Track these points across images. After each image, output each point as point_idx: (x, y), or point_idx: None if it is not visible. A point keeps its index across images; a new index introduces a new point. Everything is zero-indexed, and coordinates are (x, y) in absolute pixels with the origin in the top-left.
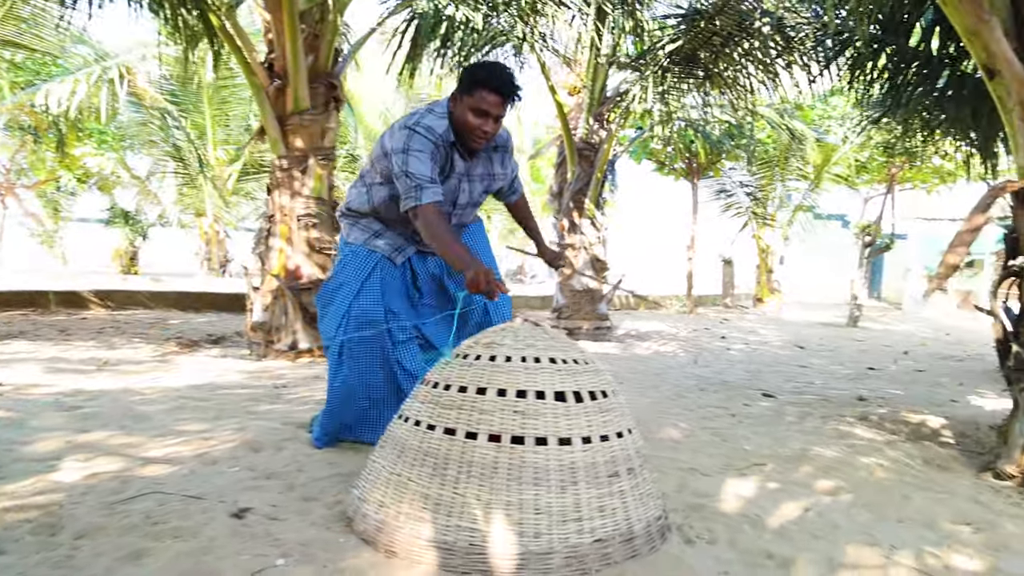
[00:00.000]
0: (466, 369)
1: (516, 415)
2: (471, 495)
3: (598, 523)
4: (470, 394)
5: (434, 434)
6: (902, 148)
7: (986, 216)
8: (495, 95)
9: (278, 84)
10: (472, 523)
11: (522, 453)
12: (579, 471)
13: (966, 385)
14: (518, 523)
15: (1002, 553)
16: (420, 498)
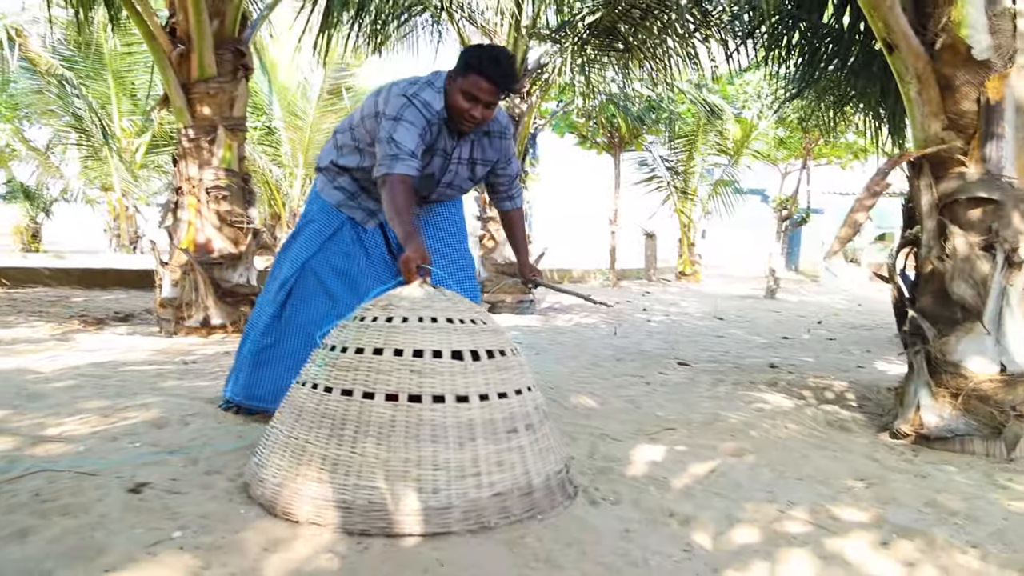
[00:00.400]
0: (363, 331)
1: (413, 374)
2: (369, 454)
3: (496, 477)
4: (367, 355)
5: (331, 396)
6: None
7: (883, 183)
8: (488, 82)
9: (181, 50)
10: (371, 482)
11: (419, 411)
12: (477, 427)
13: (873, 352)
14: (416, 480)
15: (889, 505)
16: (318, 460)
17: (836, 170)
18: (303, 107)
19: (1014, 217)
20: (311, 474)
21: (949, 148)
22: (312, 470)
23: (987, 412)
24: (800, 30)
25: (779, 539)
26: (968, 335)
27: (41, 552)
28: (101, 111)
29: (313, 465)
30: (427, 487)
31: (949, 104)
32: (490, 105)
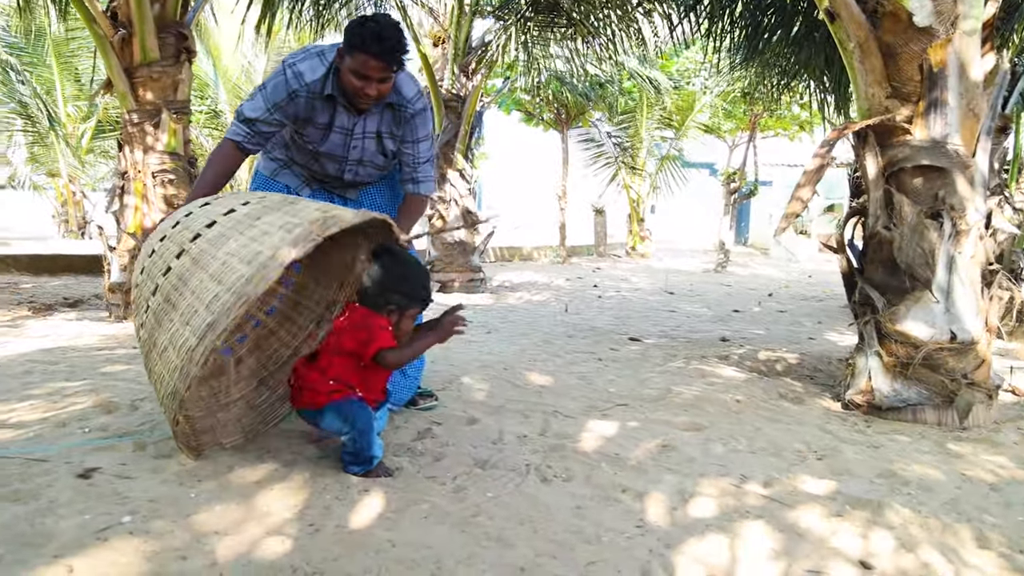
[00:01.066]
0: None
1: (182, 232)
2: (196, 286)
3: (292, 223)
4: (149, 262)
5: (151, 306)
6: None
7: (829, 154)
8: (375, 59)
9: (123, 33)
10: (216, 291)
11: (203, 238)
12: (253, 214)
13: (824, 323)
14: (240, 259)
15: (843, 477)
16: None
17: (783, 142)
18: (248, 90)
19: (960, 184)
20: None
21: (893, 117)
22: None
23: (938, 381)
24: (743, 2)
25: (733, 513)
26: (917, 304)
27: None
28: (46, 97)
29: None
30: (249, 255)
31: (892, 72)
32: (384, 80)
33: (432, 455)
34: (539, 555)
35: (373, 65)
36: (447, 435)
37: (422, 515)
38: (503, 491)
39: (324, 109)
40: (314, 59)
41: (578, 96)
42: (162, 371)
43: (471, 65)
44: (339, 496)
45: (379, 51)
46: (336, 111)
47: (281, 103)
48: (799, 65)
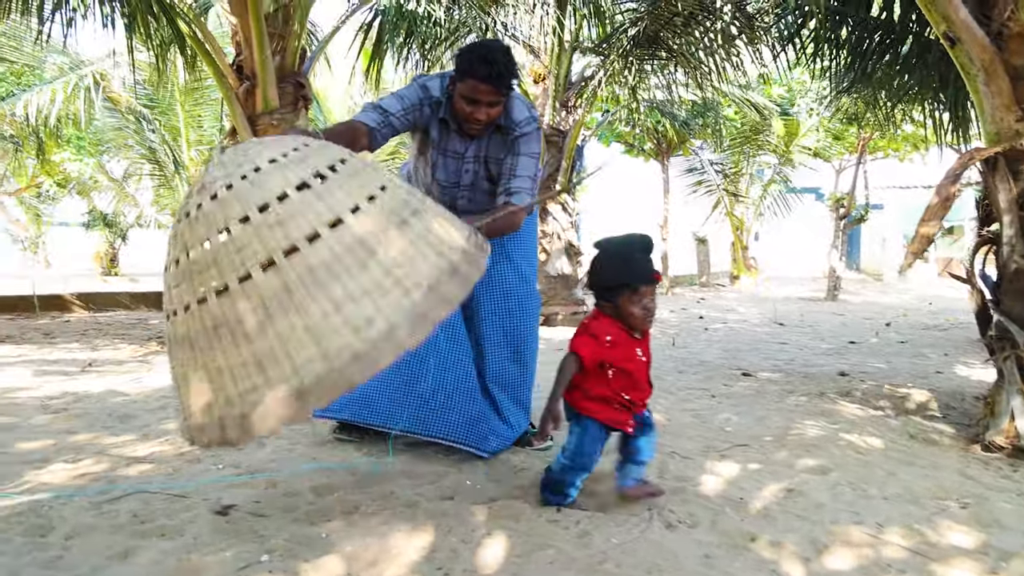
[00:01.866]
0: (196, 225)
1: (273, 229)
2: (286, 330)
3: (417, 272)
4: (216, 242)
5: (211, 304)
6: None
7: (956, 186)
8: (483, 83)
9: (247, 85)
10: (307, 352)
11: (304, 259)
12: (367, 238)
13: (951, 355)
14: (346, 321)
15: (993, 528)
16: (229, 371)
17: (894, 163)
18: None
19: None
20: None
21: None
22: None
23: None
24: (848, 26)
25: (872, 566)
26: None
27: (144, 573)
28: (172, 143)
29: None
30: (359, 322)
31: (1021, 95)
32: (493, 104)
33: None
34: None
35: (482, 89)
36: None
37: (548, 560)
38: (627, 537)
39: (440, 130)
40: (437, 79)
41: (678, 126)
42: (204, 385)
43: (571, 100)
44: (464, 539)
45: (487, 75)
46: (449, 135)
47: (413, 107)
48: (910, 87)
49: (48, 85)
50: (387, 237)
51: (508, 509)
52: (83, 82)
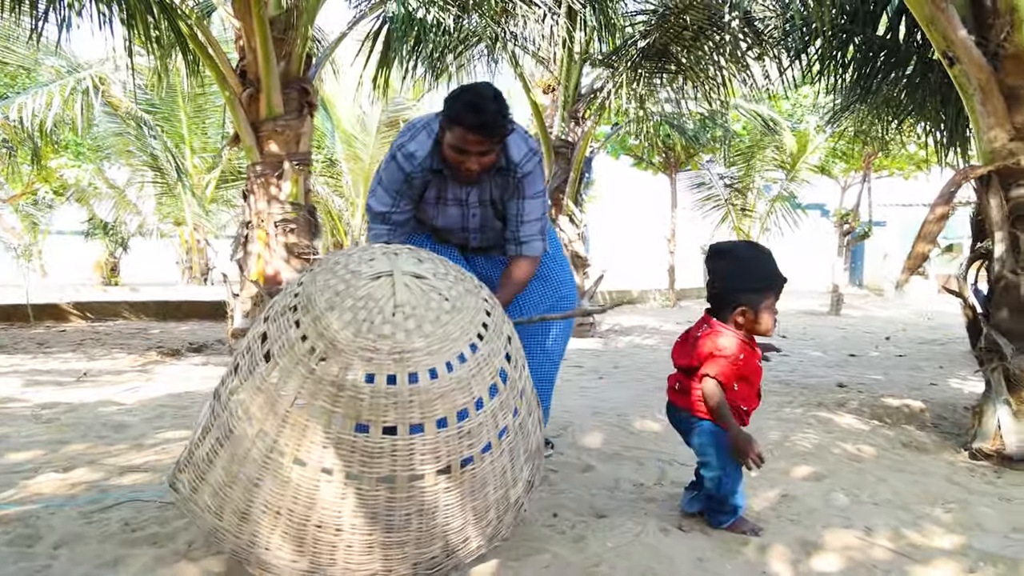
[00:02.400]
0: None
1: (461, 438)
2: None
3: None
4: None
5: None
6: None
7: (950, 204)
8: (471, 133)
9: (251, 91)
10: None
11: (474, 472)
12: (516, 444)
13: (946, 368)
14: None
15: (974, 531)
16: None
17: (898, 181)
18: (363, 140)
19: None
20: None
21: (1018, 160)
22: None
23: None
24: (855, 44)
25: (859, 567)
26: None
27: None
28: (175, 149)
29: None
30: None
31: (1016, 115)
32: (484, 153)
33: (549, 502)
34: None
35: (470, 139)
36: (563, 482)
37: (543, 564)
38: (622, 541)
39: (436, 182)
40: (420, 134)
41: (687, 139)
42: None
43: (580, 112)
44: None
45: (475, 124)
46: (447, 184)
47: (402, 189)
48: (913, 106)
49: (44, 88)
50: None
51: None
52: (81, 85)
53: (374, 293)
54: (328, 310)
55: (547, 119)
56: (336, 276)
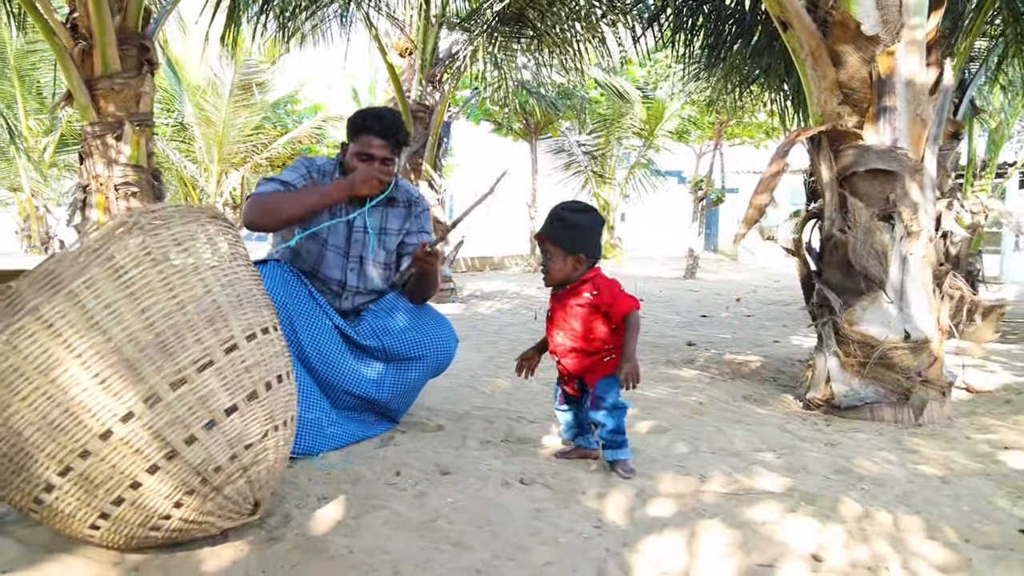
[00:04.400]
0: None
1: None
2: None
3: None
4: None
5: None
6: (725, 103)
7: (785, 161)
8: (378, 138)
9: (83, 45)
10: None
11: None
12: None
13: (789, 327)
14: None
15: (800, 474)
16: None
17: (750, 150)
18: (215, 103)
19: (910, 188)
20: None
21: (845, 122)
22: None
23: (894, 379)
24: (704, 12)
25: (691, 512)
26: (872, 304)
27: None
28: (7, 111)
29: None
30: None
31: (843, 79)
32: (386, 161)
33: (394, 462)
34: (496, 557)
35: (375, 144)
36: (410, 442)
37: (381, 521)
38: (463, 496)
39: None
40: (323, 157)
41: (546, 106)
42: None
43: (438, 76)
44: (298, 504)
45: (380, 128)
46: (342, 204)
47: (304, 177)
48: (760, 73)
49: None
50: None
51: (346, 474)
52: None
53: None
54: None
55: (404, 83)
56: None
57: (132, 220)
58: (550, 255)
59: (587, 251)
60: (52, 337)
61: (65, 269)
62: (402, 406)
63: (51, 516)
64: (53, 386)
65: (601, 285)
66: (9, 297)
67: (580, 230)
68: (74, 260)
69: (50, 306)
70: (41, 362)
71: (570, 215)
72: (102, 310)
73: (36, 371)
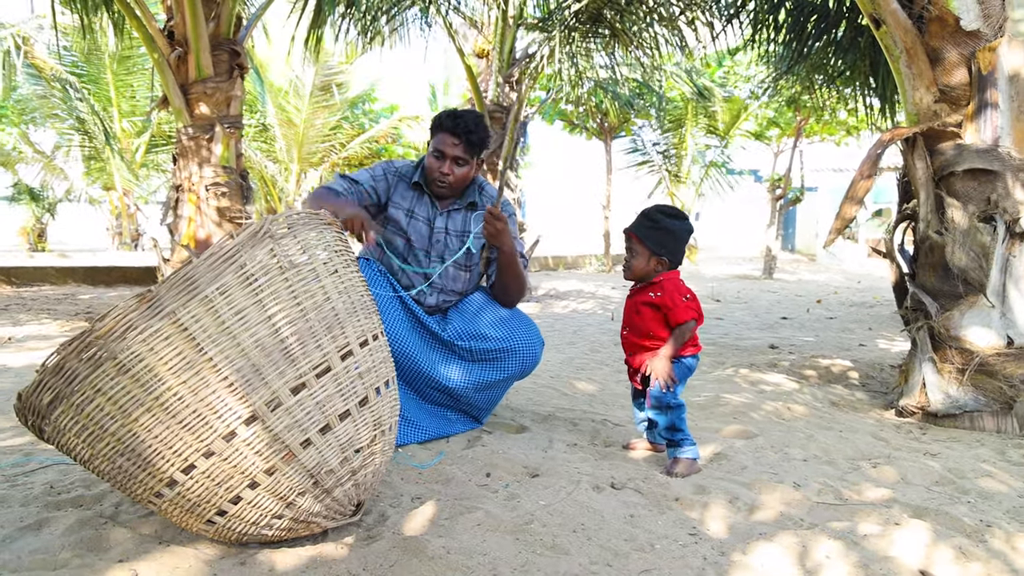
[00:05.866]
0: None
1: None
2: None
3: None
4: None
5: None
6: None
7: (876, 166)
8: (450, 135)
9: (179, 52)
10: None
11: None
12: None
13: (874, 330)
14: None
15: (899, 485)
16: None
17: (830, 147)
18: (296, 104)
19: (1013, 187)
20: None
21: (943, 121)
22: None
23: (995, 387)
24: (786, 8)
25: (787, 521)
26: (972, 308)
27: (59, 543)
28: (103, 113)
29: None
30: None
31: (940, 76)
32: (459, 161)
33: (483, 463)
34: (593, 563)
35: (449, 141)
36: (497, 443)
37: (475, 522)
38: (555, 499)
39: (407, 195)
40: (407, 162)
41: (622, 105)
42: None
43: (515, 76)
44: (393, 503)
45: (455, 126)
46: (420, 200)
47: (379, 178)
48: (844, 70)
49: None
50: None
51: (437, 474)
52: (2, 45)
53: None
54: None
55: (481, 83)
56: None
57: (263, 228)
58: (635, 252)
59: (671, 255)
60: (186, 340)
61: (201, 275)
62: (487, 406)
63: (170, 510)
64: (184, 387)
65: (667, 288)
66: (149, 301)
67: (669, 234)
68: (209, 267)
69: (186, 310)
70: (174, 364)
71: (663, 218)
72: (233, 316)
73: (169, 372)
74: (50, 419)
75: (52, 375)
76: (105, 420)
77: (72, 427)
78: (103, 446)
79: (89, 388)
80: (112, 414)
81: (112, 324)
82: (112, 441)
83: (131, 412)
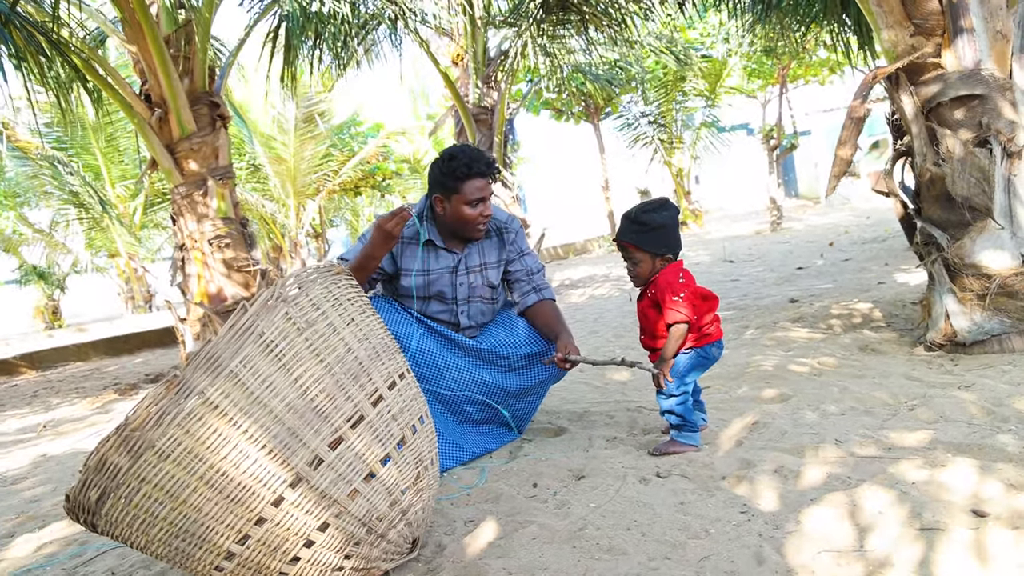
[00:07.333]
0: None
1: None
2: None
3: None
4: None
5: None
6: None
7: (864, 106)
8: (481, 179)
9: (159, 113)
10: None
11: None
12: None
13: (890, 265)
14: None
15: (939, 424)
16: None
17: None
18: (282, 140)
19: (1002, 107)
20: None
21: (921, 54)
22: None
23: (1018, 306)
24: None
25: (835, 481)
26: (982, 234)
27: None
28: (95, 183)
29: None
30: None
31: (911, 10)
32: (487, 198)
33: (529, 473)
34: (652, 559)
35: (481, 184)
36: (538, 450)
37: (531, 536)
38: (604, 499)
39: (415, 256)
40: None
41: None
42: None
43: (493, 75)
44: (447, 531)
45: (482, 168)
46: (436, 255)
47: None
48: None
49: None
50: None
51: (486, 493)
52: None
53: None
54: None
55: (461, 88)
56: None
57: (275, 293)
58: (636, 259)
59: (672, 249)
60: (219, 417)
61: (223, 351)
62: (526, 414)
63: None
64: (226, 462)
65: (660, 286)
66: (177, 385)
67: (662, 230)
68: (229, 341)
69: (214, 388)
70: (212, 442)
71: (647, 216)
72: (260, 385)
73: (208, 451)
74: (101, 514)
75: (95, 472)
76: (154, 507)
77: (124, 518)
78: (157, 531)
79: (134, 479)
80: (160, 500)
81: (145, 414)
82: (164, 525)
83: (178, 495)
